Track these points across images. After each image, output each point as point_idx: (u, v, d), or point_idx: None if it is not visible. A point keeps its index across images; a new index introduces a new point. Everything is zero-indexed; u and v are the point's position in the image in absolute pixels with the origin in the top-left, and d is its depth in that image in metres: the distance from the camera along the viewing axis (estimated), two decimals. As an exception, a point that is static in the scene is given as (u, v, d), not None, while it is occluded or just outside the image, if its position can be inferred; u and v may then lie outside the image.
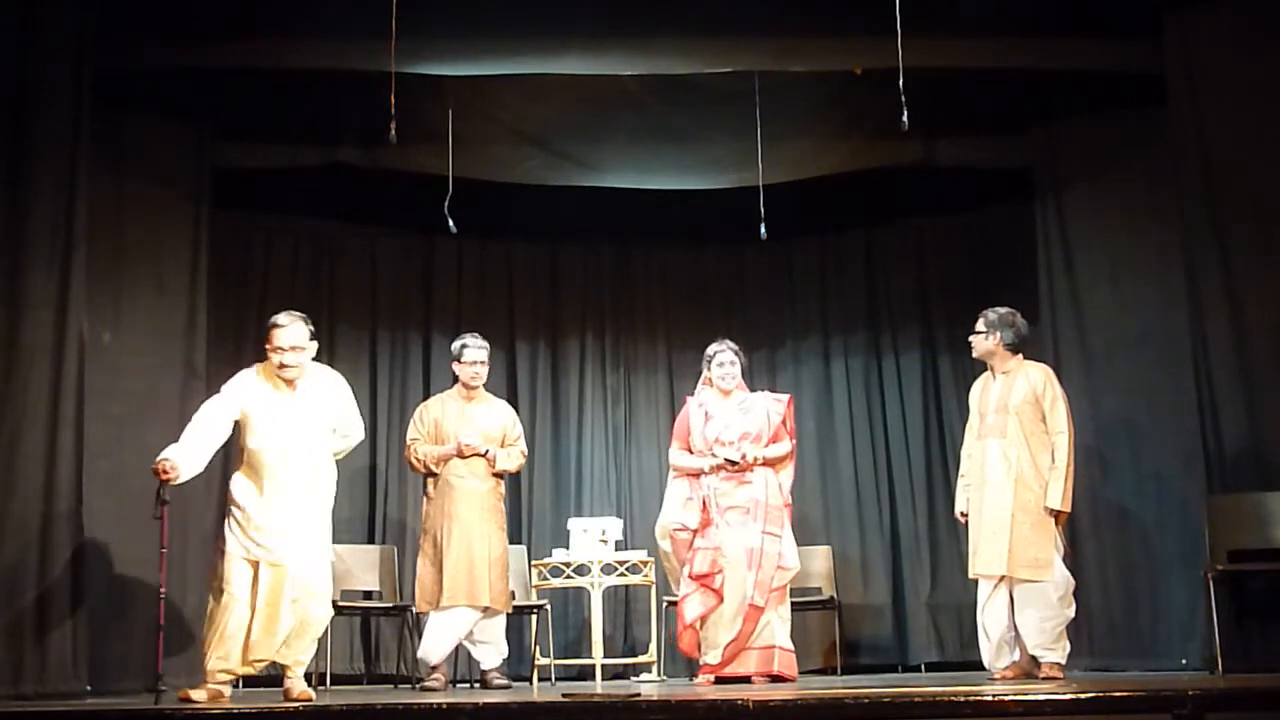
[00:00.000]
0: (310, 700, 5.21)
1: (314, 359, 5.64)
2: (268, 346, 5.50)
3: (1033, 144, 7.44)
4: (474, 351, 6.67)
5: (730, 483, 6.28)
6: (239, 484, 5.46)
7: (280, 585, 5.37)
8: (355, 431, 5.80)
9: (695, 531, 6.26)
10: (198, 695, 5.23)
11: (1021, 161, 7.52)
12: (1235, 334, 6.21)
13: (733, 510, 6.24)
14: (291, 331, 5.47)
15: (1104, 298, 7.08)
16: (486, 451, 6.55)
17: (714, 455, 6.30)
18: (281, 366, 5.47)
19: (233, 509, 5.44)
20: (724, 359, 6.47)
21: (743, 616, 6.13)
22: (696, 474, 6.36)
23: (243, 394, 5.50)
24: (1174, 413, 6.61)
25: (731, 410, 6.45)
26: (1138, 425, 6.86)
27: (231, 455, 5.68)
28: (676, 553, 6.34)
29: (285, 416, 5.48)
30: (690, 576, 6.19)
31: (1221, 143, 6.32)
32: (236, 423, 5.50)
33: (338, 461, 6.52)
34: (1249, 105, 6.23)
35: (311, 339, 5.54)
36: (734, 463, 6.26)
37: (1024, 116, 7.40)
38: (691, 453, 6.42)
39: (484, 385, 6.84)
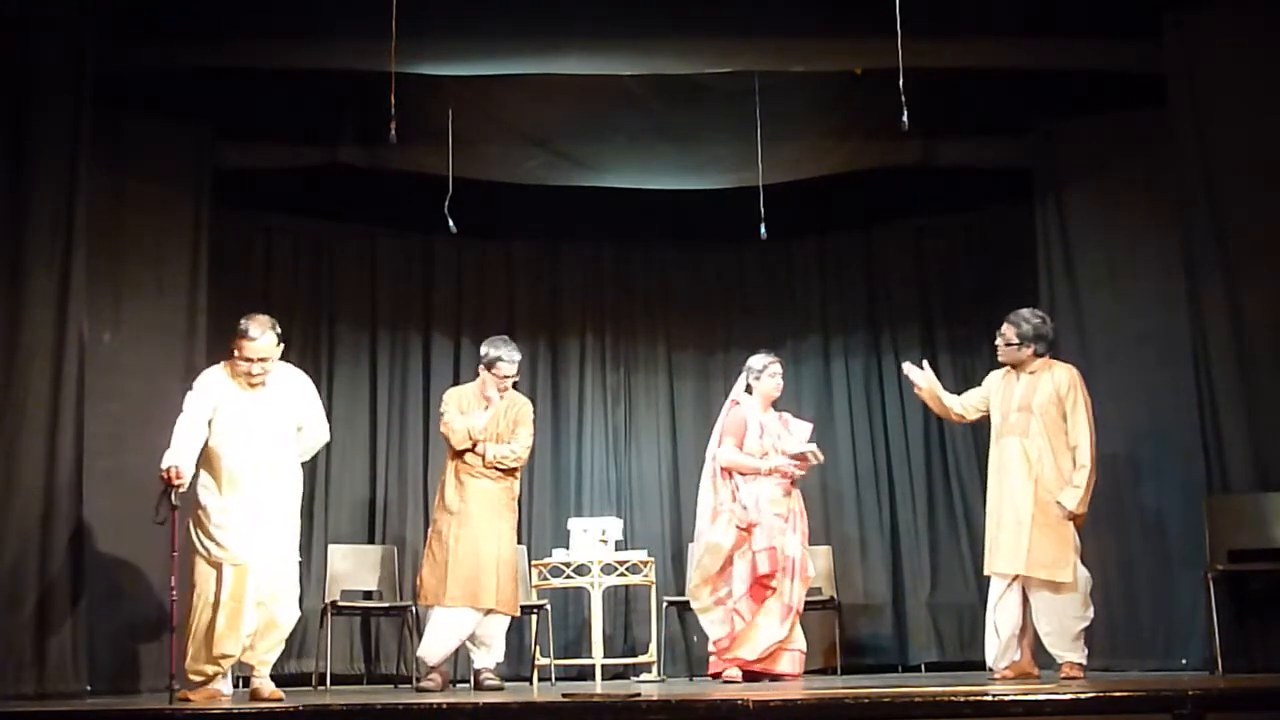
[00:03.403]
0: (281, 700, 5.22)
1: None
2: (236, 353, 5.47)
3: (1033, 144, 7.44)
4: (508, 365, 6.38)
5: (780, 489, 6.44)
6: (201, 484, 5.45)
7: (243, 585, 5.38)
8: (319, 433, 5.77)
9: (751, 531, 6.36)
10: (195, 696, 5.24)
11: (1021, 161, 7.52)
12: (1235, 334, 6.21)
13: (778, 517, 6.40)
14: (262, 344, 5.44)
15: (1104, 298, 7.08)
16: (475, 446, 6.41)
17: (769, 459, 6.45)
18: (250, 375, 5.47)
19: (196, 510, 5.43)
20: (776, 370, 6.65)
21: (791, 622, 6.32)
22: (750, 473, 6.43)
23: (213, 391, 5.49)
24: (1174, 413, 6.61)
25: (774, 421, 6.63)
26: (1138, 425, 6.86)
27: None
28: (732, 549, 6.37)
29: (249, 417, 5.47)
30: (758, 578, 6.30)
31: (1221, 143, 6.32)
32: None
33: (339, 462, 6.52)
34: (1249, 105, 6.23)
35: (279, 343, 5.51)
36: (800, 458, 6.46)
37: (1024, 116, 7.40)
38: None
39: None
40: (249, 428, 5.46)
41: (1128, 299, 6.99)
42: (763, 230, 7.00)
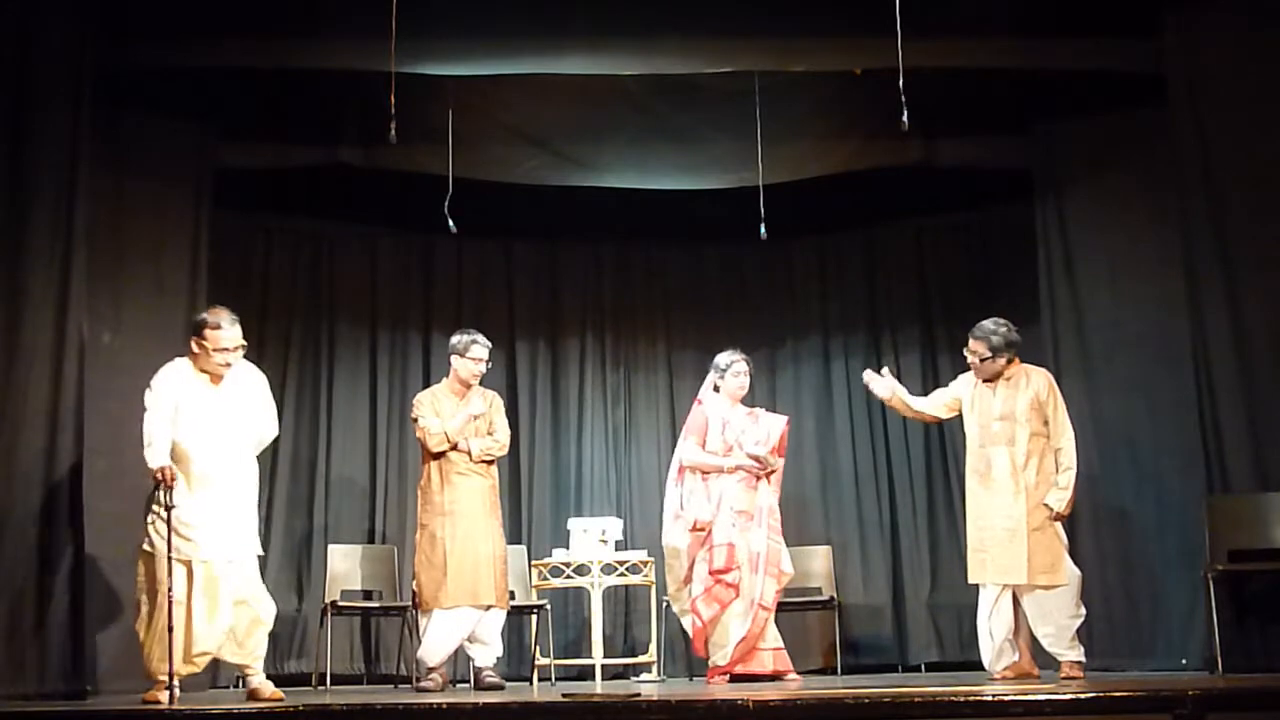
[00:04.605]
0: (281, 699, 5.22)
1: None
2: (209, 346, 5.48)
3: (1033, 144, 7.44)
4: (481, 349, 6.50)
5: (742, 485, 6.41)
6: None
7: (214, 581, 5.36)
8: (270, 428, 5.77)
9: (709, 529, 6.35)
10: (163, 696, 5.10)
11: (1021, 161, 7.52)
12: (1235, 334, 6.21)
13: (741, 514, 6.37)
14: (235, 333, 5.50)
15: (1104, 298, 7.08)
16: (457, 445, 6.39)
17: (732, 456, 6.43)
18: (226, 365, 5.50)
19: (156, 508, 5.36)
20: (740, 369, 6.60)
21: (752, 617, 6.27)
22: (713, 471, 6.43)
23: (174, 386, 5.47)
24: (1174, 413, 6.61)
25: (742, 418, 6.60)
26: (1138, 425, 6.86)
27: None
28: (690, 550, 6.38)
29: (212, 411, 5.48)
30: (711, 573, 6.29)
31: (1221, 143, 6.32)
32: None
33: (339, 462, 6.50)
34: (1249, 105, 6.23)
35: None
36: (758, 459, 6.40)
37: (1024, 116, 7.40)
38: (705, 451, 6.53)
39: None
40: (213, 424, 5.47)
41: (1128, 299, 6.99)
42: (763, 230, 7.00)
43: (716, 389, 6.65)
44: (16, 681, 5.63)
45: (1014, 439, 5.96)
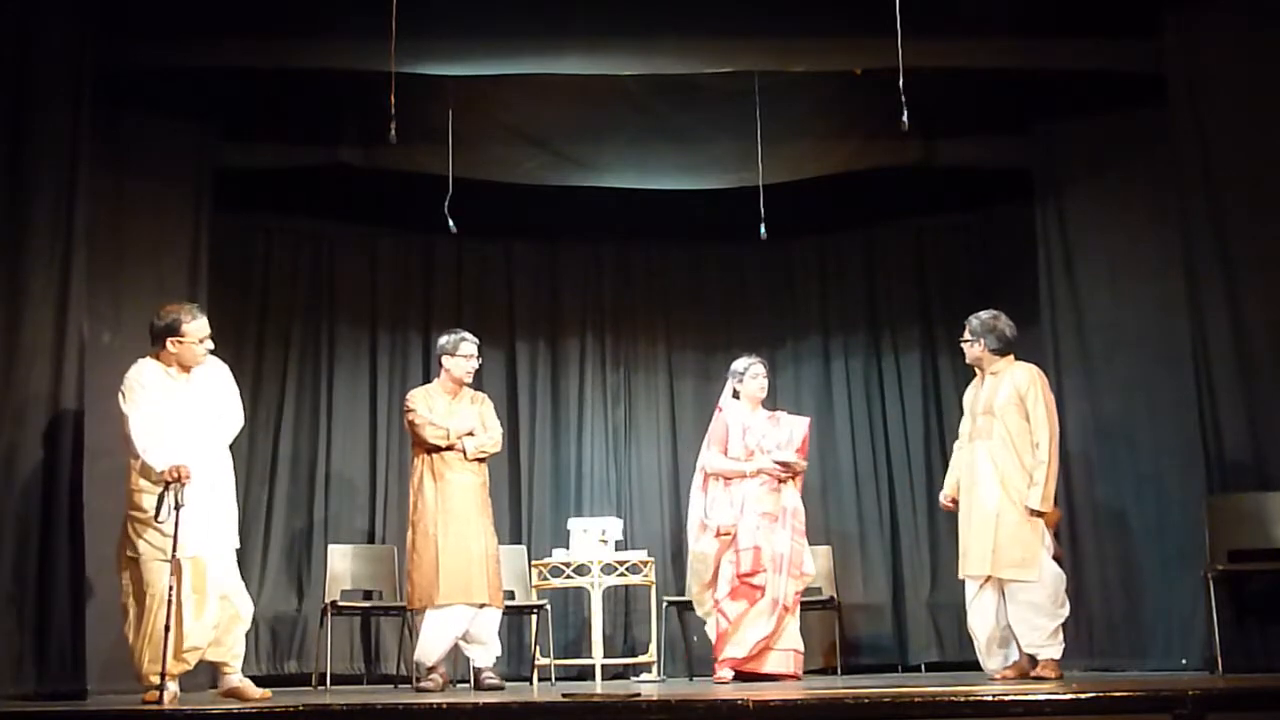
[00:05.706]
0: (268, 698, 5.24)
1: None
2: (191, 340, 5.49)
3: (1033, 144, 7.44)
4: (470, 345, 6.55)
5: (765, 488, 6.47)
6: (135, 488, 5.37)
7: (203, 577, 5.34)
8: (237, 419, 5.77)
9: (734, 533, 6.41)
10: (164, 696, 5.10)
11: (1021, 161, 7.52)
12: (1235, 334, 6.21)
13: (765, 516, 6.44)
14: (203, 322, 5.54)
15: (1104, 298, 7.08)
16: (453, 445, 6.41)
17: (754, 460, 6.51)
18: (205, 352, 5.52)
19: (138, 512, 5.33)
20: (757, 371, 6.70)
21: (776, 618, 6.34)
22: (736, 477, 6.50)
23: (147, 386, 5.45)
24: (1174, 413, 6.61)
25: (762, 422, 6.66)
26: (1137, 425, 6.86)
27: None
28: (716, 554, 6.43)
29: (185, 406, 5.48)
30: (737, 576, 6.36)
31: (1221, 143, 6.32)
32: None
33: (340, 462, 6.47)
34: (1249, 105, 6.23)
35: None
36: (784, 465, 6.48)
37: (1024, 116, 7.40)
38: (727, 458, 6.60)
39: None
40: (184, 420, 5.46)
41: (1128, 299, 6.99)
42: (763, 230, 7.01)
43: (736, 394, 6.70)
44: (16, 681, 5.63)
45: (991, 433, 5.98)
